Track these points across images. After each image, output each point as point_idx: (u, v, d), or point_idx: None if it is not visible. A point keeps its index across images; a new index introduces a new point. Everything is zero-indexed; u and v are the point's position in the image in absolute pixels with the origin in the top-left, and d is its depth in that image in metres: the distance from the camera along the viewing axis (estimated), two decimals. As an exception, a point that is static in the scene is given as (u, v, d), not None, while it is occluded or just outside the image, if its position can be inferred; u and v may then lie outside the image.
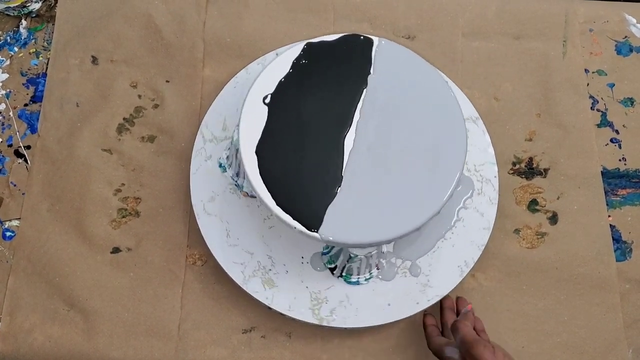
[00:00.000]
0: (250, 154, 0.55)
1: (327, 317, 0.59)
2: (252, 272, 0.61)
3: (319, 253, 0.62)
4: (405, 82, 0.59)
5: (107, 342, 0.61)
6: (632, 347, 0.62)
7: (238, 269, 0.61)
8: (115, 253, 0.64)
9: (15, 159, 0.68)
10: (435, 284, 0.61)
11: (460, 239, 0.63)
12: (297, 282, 0.61)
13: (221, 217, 0.62)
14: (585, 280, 0.64)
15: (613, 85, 0.73)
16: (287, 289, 0.60)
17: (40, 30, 0.74)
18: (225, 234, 0.62)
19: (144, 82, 0.71)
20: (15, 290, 0.63)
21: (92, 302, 0.62)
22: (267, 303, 0.59)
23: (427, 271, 0.62)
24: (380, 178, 0.55)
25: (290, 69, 0.59)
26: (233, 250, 0.61)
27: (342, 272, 0.60)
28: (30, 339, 0.61)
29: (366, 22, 0.74)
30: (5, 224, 0.66)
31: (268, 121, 0.56)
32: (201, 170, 0.64)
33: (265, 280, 0.60)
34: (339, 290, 0.61)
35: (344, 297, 0.60)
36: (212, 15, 0.74)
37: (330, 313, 0.60)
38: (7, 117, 0.70)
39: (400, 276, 0.61)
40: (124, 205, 0.66)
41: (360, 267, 0.59)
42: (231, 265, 0.61)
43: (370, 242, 0.53)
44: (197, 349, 0.61)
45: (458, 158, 0.56)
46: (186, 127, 0.69)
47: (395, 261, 0.62)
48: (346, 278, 0.61)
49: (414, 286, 0.61)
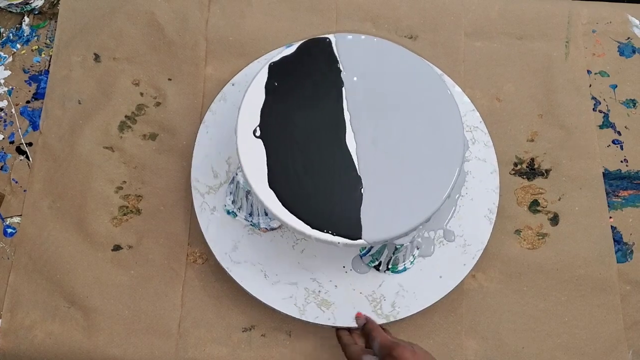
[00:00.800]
0: (265, 190, 0.54)
1: (391, 313, 0.60)
2: (304, 300, 0.60)
3: (358, 256, 0.62)
4: (379, 69, 0.60)
5: (107, 340, 0.61)
6: (633, 349, 0.62)
7: (290, 304, 0.60)
8: (116, 251, 0.64)
9: (17, 156, 0.68)
10: (471, 240, 0.63)
11: (475, 191, 0.65)
12: (349, 292, 0.60)
13: (252, 262, 0.61)
14: (586, 281, 0.64)
15: (615, 87, 0.73)
16: (343, 302, 0.60)
17: (42, 28, 0.74)
18: (262, 275, 0.61)
19: (146, 79, 0.71)
20: (16, 287, 0.63)
21: (92, 299, 0.62)
22: (332, 324, 0.59)
23: (459, 232, 0.63)
24: (393, 166, 0.56)
25: (265, 94, 0.58)
26: (277, 288, 0.60)
27: (388, 265, 0.61)
28: (31, 335, 0.61)
29: (369, 21, 0.74)
30: (6, 221, 0.66)
31: (267, 152, 0.56)
32: (212, 225, 0.62)
33: (320, 303, 0.60)
34: (391, 283, 0.61)
35: (398, 287, 0.61)
36: (214, 14, 0.74)
37: (392, 307, 0.60)
38: (9, 114, 0.70)
39: (438, 247, 0.63)
40: (125, 202, 0.66)
41: (406, 254, 0.60)
42: (282, 303, 0.60)
43: (413, 228, 0.53)
44: (197, 347, 0.61)
45: (457, 131, 0.57)
46: (188, 125, 0.69)
47: (429, 234, 0.63)
48: (393, 269, 0.61)
49: (454, 250, 0.62)
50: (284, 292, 0.60)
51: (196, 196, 0.63)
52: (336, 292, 0.60)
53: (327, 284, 0.61)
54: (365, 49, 0.61)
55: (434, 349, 0.62)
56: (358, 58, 0.60)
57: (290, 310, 0.59)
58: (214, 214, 0.62)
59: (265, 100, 0.58)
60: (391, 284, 0.61)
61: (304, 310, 0.59)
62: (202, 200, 0.63)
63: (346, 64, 0.60)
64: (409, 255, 0.61)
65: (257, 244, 0.62)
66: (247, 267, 0.61)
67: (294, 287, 0.60)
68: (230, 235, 0.62)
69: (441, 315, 0.62)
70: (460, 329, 0.62)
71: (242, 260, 0.61)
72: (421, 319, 0.61)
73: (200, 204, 0.63)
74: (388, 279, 0.61)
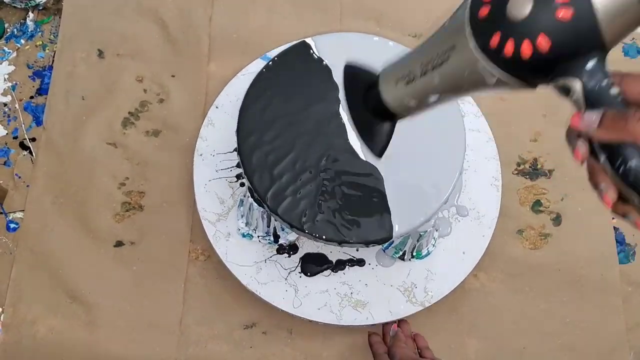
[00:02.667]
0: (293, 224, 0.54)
1: (425, 299, 0.60)
2: (339, 304, 0.60)
3: (380, 251, 0.62)
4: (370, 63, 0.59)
5: (109, 335, 0.61)
6: (634, 350, 0.62)
7: (327, 312, 0.60)
8: (119, 247, 0.64)
9: (20, 151, 0.69)
10: (484, 211, 0.64)
11: (476, 163, 0.65)
12: (381, 288, 0.61)
13: (278, 280, 0.61)
14: (588, 282, 0.64)
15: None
16: (377, 299, 0.60)
17: (47, 23, 0.74)
18: (294, 292, 0.60)
19: (150, 76, 0.71)
20: (18, 282, 0.63)
21: (94, 294, 0.62)
22: (370, 323, 0.59)
23: (471, 205, 0.64)
24: (401, 157, 0.55)
25: (257, 107, 0.57)
26: (310, 299, 0.60)
27: (412, 253, 0.61)
28: (33, 330, 0.61)
29: (373, 20, 0.74)
30: (9, 216, 0.66)
31: (279, 175, 0.55)
32: (231, 252, 0.61)
33: (355, 305, 0.60)
34: (419, 270, 0.61)
35: (426, 272, 0.61)
36: (218, 11, 0.74)
37: (425, 292, 0.60)
38: (12, 109, 0.70)
39: (454, 224, 0.63)
40: (128, 199, 0.66)
41: (428, 238, 0.60)
42: (319, 313, 0.60)
43: (435, 211, 0.54)
44: (199, 344, 0.61)
45: (454, 108, 0.58)
46: (191, 122, 0.69)
47: (444, 214, 0.63)
48: (418, 256, 0.61)
49: (470, 224, 0.63)
50: (318, 302, 0.60)
51: (207, 226, 0.62)
52: (368, 290, 0.61)
53: (357, 285, 0.61)
54: (349, 46, 0.60)
55: (436, 348, 0.61)
56: (346, 56, 0.60)
57: (328, 318, 0.59)
58: (229, 240, 0.61)
59: (259, 112, 0.57)
60: (419, 270, 0.61)
61: (341, 315, 0.59)
62: (215, 229, 0.62)
63: (334, 64, 0.59)
64: (431, 238, 0.61)
65: (281, 262, 0.61)
66: (274, 286, 0.60)
67: (326, 295, 0.60)
68: (251, 258, 0.61)
69: (443, 315, 0.62)
70: (461, 329, 0.62)
71: (269, 280, 0.61)
72: (423, 318, 0.61)
73: (214, 232, 0.62)
74: (414, 266, 0.61)
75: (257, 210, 0.57)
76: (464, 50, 0.31)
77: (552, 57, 0.29)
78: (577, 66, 0.30)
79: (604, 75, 0.30)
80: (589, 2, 0.28)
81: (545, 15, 0.28)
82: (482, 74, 0.32)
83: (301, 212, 0.53)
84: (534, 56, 0.29)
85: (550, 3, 0.28)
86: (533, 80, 0.31)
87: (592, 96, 0.30)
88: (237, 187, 0.63)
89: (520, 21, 0.29)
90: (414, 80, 0.37)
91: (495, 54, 0.30)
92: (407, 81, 0.38)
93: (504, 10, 0.29)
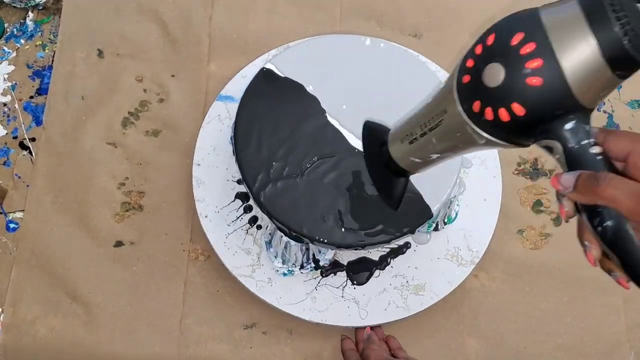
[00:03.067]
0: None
1: (473, 255, 0.62)
2: (401, 297, 0.60)
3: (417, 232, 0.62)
4: (342, 67, 0.59)
5: (108, 335, 0.61)
6: (634, 350, 0.62)
7: (393, 309, 0.60)
8: (118, 247, 0.64)
9: (20, 151, 0.68)
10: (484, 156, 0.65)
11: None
12: (430, 264, 0.62)
13: (336, 301, 0.60)
14: (588, 282, 0.64)
15: (620, 87, 0.73)
16: (432, 276, 0.61)
17: (46, 23, 0.74)
18: (356, 306, 0.60)
19: (150, 76, 0.71)
20: (18, 282, 0.63)
21: (94, 295, 0.62)
22: (436, 300, 0.60)
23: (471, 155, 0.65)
24: None
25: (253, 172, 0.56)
26: (373, 305, 0.60)
27: (444, 221, 0.62)
28: (33, 330, 0.61)
29: (373, 20, 0.74)
30: (9, 216, 0.66)
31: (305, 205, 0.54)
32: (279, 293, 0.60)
33: (415, 291, 0.61)
34: (455, 233, 0.63)
35: (461, 232, 0.63)
36: (218, 11, 0.74)
37: (470, 250, 0.62)
38: (12, 109, 0.70)
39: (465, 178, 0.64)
40: (128, 199, 0.66)
41: (453, 201, 0.61)
42: (388, 314, 0.60)
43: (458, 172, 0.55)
44: (199, 344, 0.61)
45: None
46: (191, 122, 0.69)
47: None
48: (449, 220, 0.63)
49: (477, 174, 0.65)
50: (382, 303, 0.60)
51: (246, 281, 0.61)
52: (419, 272, 0.61)
53: (408, 272, 0.61)
54: (312, 56, 0.60)
55: (436, 348, 0.62)
56: (314, 67, 0.59)
57: (398, 314, 0.59)
58: (272, 284, 0.60)
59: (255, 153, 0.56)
60: (455, 233, 0.62)
61: (407, 306, 0.60)
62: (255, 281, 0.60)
63: (305, 78, 0.59)
64: (455, 200, 0.61)
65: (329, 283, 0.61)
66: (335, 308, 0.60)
67: (386, 294, 0.60)
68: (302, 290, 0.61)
69: (443, 315, 0.62)
70: (462, 329, 0.62)
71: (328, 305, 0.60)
72: (423, 318, 0.61)
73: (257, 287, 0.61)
74: (449, 231, 0.62)
75: (296, 246, 0.57)
76: (454, 113, 0.33)
77: (529, 121, 0.30)
78: (556, 127, 0.31)
79: (585, 135, 0.31)
80: (558, 69, 0.28)
81: (517, 83, 0.29)
82: (472, 135, 0.33)
83: (341, 231, 0.53)
84: (512, 120, 0.30)
85: (520, 71, 0.29)
86: (517, 141, 0.33)
87: (572, 156, 0.31)
88: (255, 231, 0.62)
89: (495, 89, 0.30)
90: (416, 140, 0.39)
91: (478, 118, 0.32)
92: (409, 141, 0.40)
93: (480, 77, 0.31)
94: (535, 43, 0.29)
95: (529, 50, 0.29)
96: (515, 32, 0.29)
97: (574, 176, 0.30)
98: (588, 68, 0.28)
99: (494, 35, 0.31)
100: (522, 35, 0.29)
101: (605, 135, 0.31)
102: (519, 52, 0.29)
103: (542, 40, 0.29)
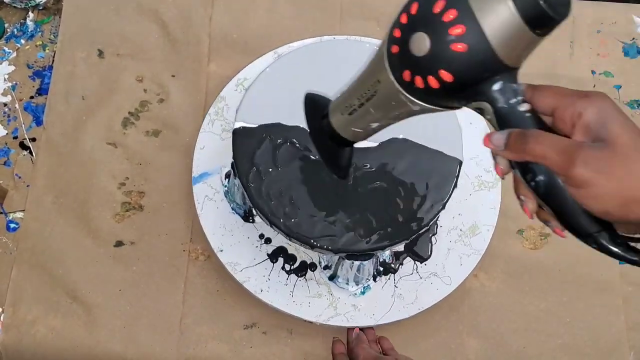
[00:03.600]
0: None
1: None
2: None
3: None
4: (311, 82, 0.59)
5: (109, 335, 0.61)
6: (634, 350, 0.62)
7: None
8: (119, 247, 0.64)
9: (20, 151, 0.69)
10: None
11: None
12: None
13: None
14: (588, 282, 0.64)
15: (620, 87, 0.73)
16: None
17: (47, 23, 0.74)
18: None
19: (150, 76, 0.71)
20: (18, 282, 0.63)
21: (94, 295, 0.62)
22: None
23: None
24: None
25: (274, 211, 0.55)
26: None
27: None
28: (33, 330, 0.61)
29: (373, 20, 0.74)
30: (9, 216, 0.66)
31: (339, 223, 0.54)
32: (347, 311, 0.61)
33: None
34: (456, 231, 0.63)
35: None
36: (218, 11, 0.74)
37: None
38: (12, 109, 0.70)
39: None
40: (128, 199, 0.66)
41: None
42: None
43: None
44: (199, 344, 0.61)
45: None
46: (191, 122, 0.69)
47: None
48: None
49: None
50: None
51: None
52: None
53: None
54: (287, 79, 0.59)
55: (435, 348, 0.62)
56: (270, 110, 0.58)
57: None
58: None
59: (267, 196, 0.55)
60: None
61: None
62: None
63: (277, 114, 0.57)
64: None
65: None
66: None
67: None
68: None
69: (443, 315, 0.62)
70: (461, 329, 0.62)
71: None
72: (423, 318, 0.61)
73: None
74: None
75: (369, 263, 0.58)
76: (387, 83, 0.34)
77: (458, 86, 0.31)
78: (485, 89, 0.31)
79: (513, 94, 0.32)
80: (481, 34, 0.29)
81: (443, 50, 0.30)
82: (406, 103, 0.34)
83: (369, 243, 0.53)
84: (441, 87, 0.31)
85: (445, 38, 0.30)
86: (450, 105, 0.34)
87: (502, 115, 0.32)
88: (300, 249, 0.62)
89: (422, 57, 0.31)
90: (355, 111, 0.40)
91: (410, 86, 0.33)
92: (349, 112, 0.41)
93: (408, 47, 0.31)
94: (457, 10, 0.29)
95: (452, 17, 0.29)
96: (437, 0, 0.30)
97: (504, 135, 0.31)
98: (509, 30, 0.29)
99: (417, 4, 0.31)
100: (444, 3, 0.30)
101: (533, 91, 0.32)
102: (441, 19, 0.30)
103: (463, 6, 0.29)
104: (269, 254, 0.62)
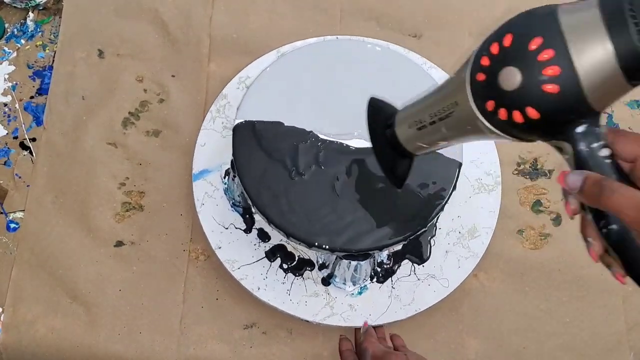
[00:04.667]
0: None
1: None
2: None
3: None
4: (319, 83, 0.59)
5: (109, 335, 0.61)
6: (634, 350, 0.62)
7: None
8: (119, 246, 0.64)
9: (20, 151, 0.69)
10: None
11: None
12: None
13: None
14: (588, 282, 0.64)
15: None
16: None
17: (47, 23, 0.74)
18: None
19: (150, 76, 0.71)
20: (18, 282, 0.63)
21: (94, 294, 0.62)
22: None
23: None
24: None
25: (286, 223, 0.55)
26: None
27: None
28: (33, 330, 0.61)
29: (373, 20, 0.74)
30: (9, 216, 0.66)
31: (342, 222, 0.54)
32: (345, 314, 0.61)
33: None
34: (455, 231, 0.63)
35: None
36: (218, 11, 0.74)
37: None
38: (13, 109, 0.70)
39: None
40: (128, 199, 0.66)
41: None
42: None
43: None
44: (199, 344, 0.61)
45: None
46: (191, 122, 0.69)
47: None
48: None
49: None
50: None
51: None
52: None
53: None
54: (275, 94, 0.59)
55: (435, 348, 0.62)
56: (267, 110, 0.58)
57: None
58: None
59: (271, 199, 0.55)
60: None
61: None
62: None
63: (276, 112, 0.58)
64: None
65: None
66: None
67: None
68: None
69: (443, 315, 0.62)
70: (461, 329, 0.62)
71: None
72: (423, 318, 0.61)
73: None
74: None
75: (366, 263, 0.57)
76: (466, 107, 0.34)
77: (543, 124, 0.31)
78: (568, 130, 0.31)
79: (595, 138, 0.31)
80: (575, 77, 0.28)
81: (533, 89, 0.29)
82: (482, 130, 0.33)
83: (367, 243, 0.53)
84: (525, 122, 0.31)
85: (537, 77, 0.29)
86: (527, 139, 0.33)
87: (581, 158, 0.32)
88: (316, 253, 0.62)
89: (511, 92, 0.30)
90: (424, 127, 0.40)
91: (491, 116, 0.32)
92: (418, 127, 0.41)
93: (496, 79, 0.30)
94: (554, 50, 0.28)
95: (547, 57, 0.29)
96: (534, 36, 0.29)
97: (580, 177, 0.31)
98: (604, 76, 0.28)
99: (512, 36, 0.30)
100: (541, 41, 0.29)
101: (614, 136, 0.31)
102: (536, 58, 0.29)
103: (560, 48, 0.28)
104: (267, 252, 0.62)
